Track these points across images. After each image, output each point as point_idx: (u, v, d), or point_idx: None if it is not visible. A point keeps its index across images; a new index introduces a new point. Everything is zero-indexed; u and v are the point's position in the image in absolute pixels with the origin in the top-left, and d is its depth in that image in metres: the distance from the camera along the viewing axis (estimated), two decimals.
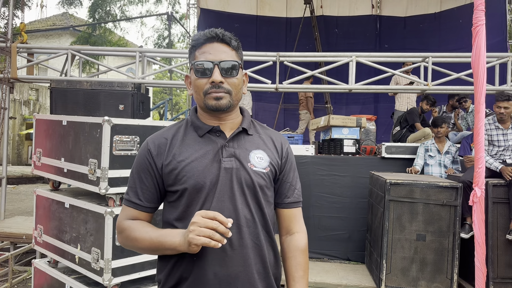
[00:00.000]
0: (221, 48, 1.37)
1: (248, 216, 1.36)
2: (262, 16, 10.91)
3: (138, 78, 6.02)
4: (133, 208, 1.40)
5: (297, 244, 1.50)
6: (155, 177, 1.39)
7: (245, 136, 1.44)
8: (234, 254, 1.32)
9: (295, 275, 1.47)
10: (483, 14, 3.11)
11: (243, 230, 1.34)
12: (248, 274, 1.34)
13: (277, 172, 1.47)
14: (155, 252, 1.35)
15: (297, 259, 1.49)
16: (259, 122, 1.55)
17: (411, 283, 4.22)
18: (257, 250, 1.37)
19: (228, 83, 1.36)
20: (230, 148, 1.38)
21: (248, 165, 1.38)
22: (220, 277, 1.31)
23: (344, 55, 5.95)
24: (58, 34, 22.18)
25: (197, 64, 1.36)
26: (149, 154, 1.40)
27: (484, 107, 3.19)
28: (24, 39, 6.30)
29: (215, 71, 1.34)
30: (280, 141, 1.51)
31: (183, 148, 1.38)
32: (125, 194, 1.44)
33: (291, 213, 1.53)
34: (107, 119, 2.99)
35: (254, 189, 1.37)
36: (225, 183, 1.34)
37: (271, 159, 1.44)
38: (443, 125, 5.19)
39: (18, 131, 17.91)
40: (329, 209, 5.60)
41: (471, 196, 3.11)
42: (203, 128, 1.41)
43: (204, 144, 1.39)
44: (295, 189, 1.54)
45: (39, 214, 3.69)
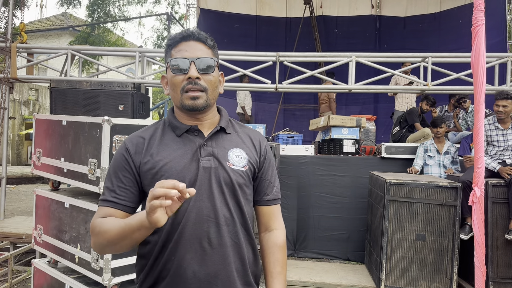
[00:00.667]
0: (197, 46, 1.38)
1: (227, 214, 1.36)
2: (262, 16, 10.91)
3: (137, 78, 6.02)
4: (109, 206, 1.34)
5: (275, 241, 1.51)
6: (133, 175, 1.37)
7: (223, 135, 1.44)
8: (213, 253, 1.32)
9: (273, 271, 1.48)
10: (482, 14, 3.12)
11: (222, 228, 1.34)
12: (228, 272, 1.34)
13: (256, 170, 1.47)
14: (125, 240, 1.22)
15: (275, 255, 1.50)
16: (237, 121, 1.56)
17: (411, 283, 4.22)
18: (236, 249, 1.37)
19: (204, 80, 1.36)
20: (209, 147, 1.38)
21: (227, 164, 1.38)
22: (199, 276, 1.31)
23: (343, 55, 5.96)
24: (58, 34, 22.19)
25: (173, 61, 1.36)
26: (127, 152, 1.38)
27: (484, 107, 3.20)
28: (24, 39, 6.30)
29: (192, 68, 1.34)
30: (259, 139, 1.52)
31: (161, 147, 1.38)
32: (101, 196, 1.39)
33: (270, 210, 1.53)
34: (107, 119, 2.99)
35: (233, 188, 1.37)
36: (203, 182, 1.34)
37: (250, 157, 1.44)
38: (442, 125, 5.20)
39: (18, 131, 17.90)
40: (328, 209, 5.60)
41: (471, 196, 3.12)
42: (181, 128, 1.40)
43: (182, 143, 1.39)
44: (274, 186, 1.54)
45: (38, 214, 3.69)
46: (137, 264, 1.41)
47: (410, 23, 10.46)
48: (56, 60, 6.94)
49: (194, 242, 1.31)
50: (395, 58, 6.11)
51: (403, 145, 5.75)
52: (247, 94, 8.95)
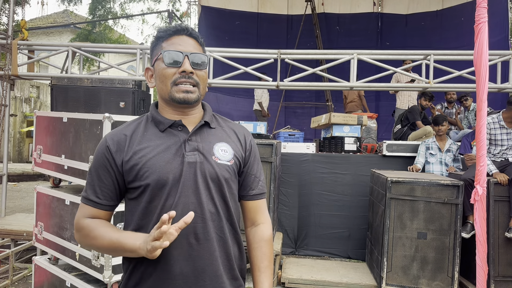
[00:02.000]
0: (190, 42, 1.39)
1: (213, 210, 1.35)
2: (263, 14, 10.88)
3: (139, 75, 6.01)
4: (91, 206, 1.37)
5: (262, 235, 1.50)
6: (114, 174, 1.36)
7: (208, 130, 1.43)
8: (200, 248, 1.32)
9: (261, 265, 1.48)
10: (485, 11, 3.09)
11: (208, 223, 1.33)
12: (215, 267, 1.34)
13: (242, 165, 1.47)
14: (113, 253, 1.33)
15: (262, 249, 1.49)
16: (220, 116, 1.55)
17: (412, 281, 4.22)
18: (222, 243, 1.37)
19: (197, 75, 1.36)
20: (193, 142, 1.37)
21: (213, 158, 1.37)
22: (186, 271, 1.30)
23: (345, 53, 5.94)
24: (59, 31, 22.18)
25: (167, 53, 1.35)
26: (108, 151, 1.36)
27: (486, 105, 3.18)
28: (24, 36, 6.30)
29: (186, 61, 1.34)
30: (243, 133, 1.51)
31: (144, 143, 1.36)
32: (83, 192, 1.40)
33: (256, 204, 1.53)
34: (108, 116, 2.98)
35: (219, 182, 1.36)
36: (189, 177, 1.33)
37: (235, 152, 1.43)
38: (444, 123, 5.18)
39: (19, 129, 17.92)
40: (329, 207, 5.59)
41: (473, 194, 3.10)
42: (165, 123, 1.39)
43: (166, 138, 1.37)
44: (259, 180, 1.53)
45: (39, 211, 3.68)
46: (123, 260, 1.40)
47: (412, 20, 10.42)
48: (57, 57, 6.93)
49: (181, 238, 1.28)
50: (397, 55, 6.09)
51: (404, 143, 5.74)
52: (264, 91, 8.98)
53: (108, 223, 1.38)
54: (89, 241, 1.35)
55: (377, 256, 4.47)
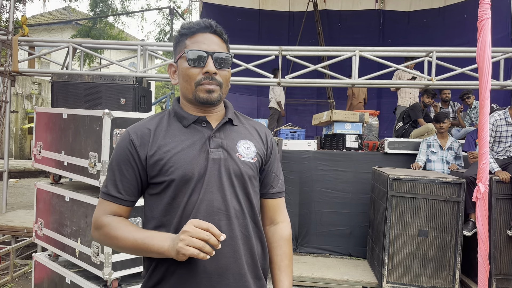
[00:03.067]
0: (214, 40, 1.36)
1: (237, 207, 1.33)
2: (265, 10, 10.84)
3: (139, 72, 5.99)
4: (113, 202, 1.34)
5: (282, 234, 1.49)
6: (137, 169, 1.33)
7: (231, 127, 1.42)
8: (224, 246, 1.28)
9: (281, 264, 1.46)
10: (488, 7, 3.06)
11: (233, 221, 1.31)
12: (239, 265, 1.31)
13: (263, 162, 1.46)
14: (137, 253, 1.29)
15: (282, 248, 1.48)
16: (242, 114, 1.53)
17: (413, 279, 4.20)
18: (246, 242, 1.35)
19: (220, 75, 1.34)
20: (217, 139, 1.35)
21: (236, 155, 1.35)
22: (210, 269, 1.28)
23: (347, 49, 5.91)
24: (61, 28, 22.17)
25: (190, 53, 1.32)
26: (131, 144, 1.33)
27: (489, 103, 3.15)
28: (25, 32, 6.28)
29: (210, 62, 1.31)
30: (264, 131, 1.51)
31: (168, 138, 1.34)
32: (103, 187, 1.37)
33: (276, 203, 1.52)
34: (107, 112, 2.96)
35: (243, 180, 1.35)
36: (213, 174, 1.31)
37: (258, 149, 1.42)
38: (445, 121, 5.16)
39: (21, 125, 17.93)
40: (331, 205, 5.58)
41: (475, 192, 3.08)
42: (189, 118, 1.37)
43: (190, 134, 1.35)
44: (279, 179, 1.52)
45: (39, 208, 3.68)
46: (145, 258, 1.37)
47: (414, 18, 10.37)
48: (59, 54, 6.93)
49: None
50: (399, 52, 6.06)
51: (406, 140, 5.72)
52: (281, 90, 8.97)
53: (130, 222, 1.34)
54: (110, 241, 1.31)
55: (378, 253, 4.46)
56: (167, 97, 12.94)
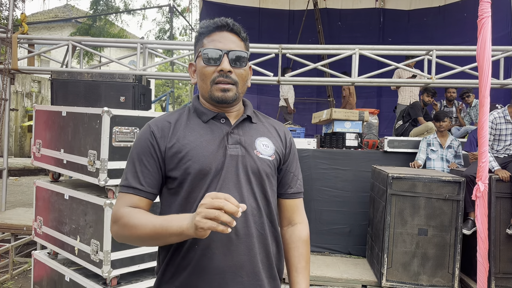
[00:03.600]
0: (231, 38, 1.35)
1: (254, 204, 1.32)
2: (265, 9, 10.82)
3: (139, 69, 5.98)
4: (133, 194, 1.30)
5: (299, 235, 1.48)
6: (158, 161, 1.32)
7: (249, 124, 1.42)
8: (239, 243, 1.28)
9: (298, 265, 1.45)
10: (489, 6, 3.06)
11: (249, 218, 1.30)
12: (253, 263, 1.30)
13: (281, 161, 1.45)
14: (156, 240, 1.21)
15: (299, 249, 1.46)
16: (261, 113, 1.53)
17: (413, 278, 4.20)
18: (262, 240, 1.33)
19: (236, 73, 1.33)
20: (236, 135, 1.35)
21: (254, 152, 1.35)
22: (224, 266, 1.27)
23: (347, 48, 5.90)
24: (61, 26, 22.13)
25: (205, 51, 1.32)
26: (153, 136, 1.33)
27: (489, 101, 3.15)
28: (25, 29, 6.27)
29: (224, 60, 1.31)
30: (283, 131, 1.50)
31: (188, 132, 1.34)
32: (122, 181, 1.34)
33: (294, 203, 1.51)
34: (107, 110, 2.96)
35: (260, 177, 1.34)
36: (230, 170, 1.31)
37: (276, 147, 1.41)
38: (445, 119, 5.15)
39: (21, 123, 17.91)
40: (330, 203, 5.57)
41: (474, 190, 3.08)
42: (208, 114, 1.37)
43: (209, 130, 1.35)
44: (298, 179, 1.51)
45: (39, 206, 3.68)
46: (159, 252, 1.36)
47: (414, 16, 10.35)
48: (58, 52, 6.92)
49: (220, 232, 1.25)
50: (399, 50, 6.05)
51: (406, 139, 5.71)
52: (290, 87, 8.98)
53: (149, 213, 1.29)
54: (128, 231, 1.24)
55: (378, 252, 4.46)
56: (166, 95, 12.95)
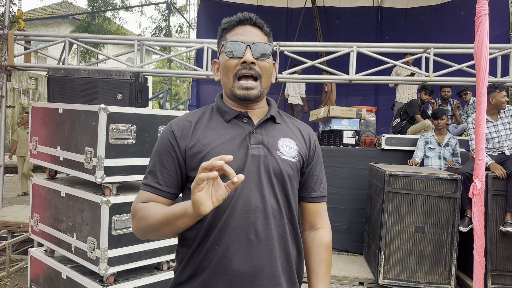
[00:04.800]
0: (254, 31, 1.33)
1: (275, 206, 1.29)
2: (263, 6, 10.81)
3: (136, 67, 5.96)
4: (151, 192, 1.32)
5: (321, 240, 1.45)
6: (177, 160, 1.32)
7: (273, 124, 1.39)
8: (260, 245, 1.25)
9: (319, 271, 1.41)
10: (486, 4, 3.06)
11: (270, 220, 1.28)
12: (273, 267, 1.27)
13: (305, 164, 1.41)
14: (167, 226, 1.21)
15: (321, 255, 1.43)
16: (286, 113, 1.50)
17: (409, 275, 4.22)
18: (282, 243, 1.31)
19: (259, 66, 1.31)
20: (258, 135, 1.33)
21: (277, 153, 1.32)
22: (243, 269, 1.24)
23: (345, 45, 5.89)
24: (58, 23, 22.04)
25: (228, 44, 1.31)
26: (173, 136, 1.33)
27: (486, 99, 3.15)
28: (21, 26, 6.24)
29: (247, 52, 1.29)
30: (308, 133, 1.46)
31: (209, 131, 1.33)
32: (144, 178, 1.35)
33: (317, 207, 1.48)
34: (103, 107, 2.95)
35: (282, 178, 1.31)
36: (252, 170, 1.28)
37: (300, 149, 1.38)
38: (443, 117, 5.16)
39: (17, 120, 17.85)
40: (328, 200, 5.51)
41: (471, 188, 3.09)
42: (230, 113, 1.35)
43: (231, 129, 1.33)
44: (322, 183, 1.49)
45: (35, 203, 3.66)
46: (178, 252, 1.35)
47: (411, 15, 10.37)
48: (56, 48, 6.89)
49: (240, 233, 1.24)
50: (396, 48, 6.06)
51: (403, 136, 5.72)
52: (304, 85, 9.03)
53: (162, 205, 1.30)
54: (144, 222, 1.26)
55: (375, 249, 4.47)
56: (164, 93, 12.91)
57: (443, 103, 7.27)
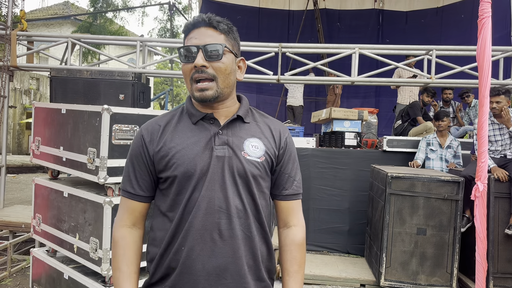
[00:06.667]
0: (207, 32, 1.33)
1: (240, 206, 1.31)
2: (264, 9, 10.82)
3: (138, 67, 5.97)
4: (128, 198, 1.38)
5: (293, 238, 1.46)
6: (147, 164, 1.36)
7: (241, 124, 1.39)
8: (224, 245, 1.28)
9: (290, 269, 1.43)
10: (489, 6, 3.06)
11: (234, 220, 1.30)
12: (238, 266, 1.30)
13: (274, 163, 1.41)
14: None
15: (292, 253, 1.45)
16: (259, 111, 1.50)
17: (411, 277, 4.21)
18: (248, 242, 1.32)
19: (213, 67, 1.30)
20: (223, 136, 1.34)
21: (242, 154, 1.33)
22: (208, 268, 1.27)
23: (347, 47, 5.90)
24: (59, 23, 22.09)
25: (182, 50, 1.33)
26: (142, 140, 1.37)
27: (489, 101, 3.15)
28: (24, 26, 6.25)
29: (198, 55, 1.30)
30: (279, 130, 1.45)
31: (175, 134, 1.35)
32: (121, 184, 1.41)
33: (289, 205, 1.48)
34: (107, 107, 2.95)
35: (246, 179, 1.32)
36: (216, 171, 1.30)
37: (267, 148, 1.38)
38: (444, 119, 5.16)
39: (19, 120, 17.88)
40: (329, 202, 5.58)
41: (474, 190, 3.09)
42: (196, 115, 1.37)
43: (197, 131, 1.35)
44: (294, 180, 1.48)
45: (37, 203, 3.67)
46: (148, 251, 1.38)
47: (412, 17, 10.37)
48: (57, 49, 6.90)
49: (204, 233, 1.27)
50: (398, 50, 6.06)
51: (405, 138, 5.72)
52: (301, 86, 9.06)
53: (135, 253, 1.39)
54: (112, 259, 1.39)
55: (376, 251, 4.46)
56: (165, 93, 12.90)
57: (445, 105, 7.27)
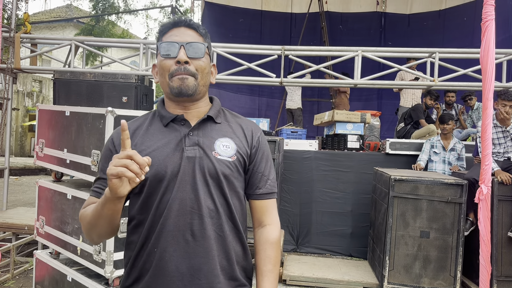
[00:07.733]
0: (188, 32, 1.36)
1: (211, 206, 1.31)
2: (267, 11, 10.83)
3: (141, 70, 5.98)
4: (94, 196, 1.37)
5: (267, 237, 1.44)
6: None
7: (212, 125, 1.40)
8: (197, 245, 1.29)
9: (264, 269, 1.42)
10: (492, 8, 3.07)
11: (206, 220, 1.30)
12: (211, 266, 1.30)
13: (247, 162, 1.42)
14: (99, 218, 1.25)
15: (266, 252, 1.43)
16: (230, 111, 1.51)
17: (414, 280, 4.20)
18: (220, 242, 1.33)
19: (194, 65, 1.33)
20: (194, 137, 1.35)
21: (213, 154, 1.33)
22: (181, 269, 1.28)
23: (350, 50, 5.91)
24: (62, 26, 22.16)
25: (163, 45, 1.33)
26: (112, 144, 1.38)
27: (492, 104, 3.15)
28: (27, 29, 6.28)
29: (181, 51, 1.31)
30: (251, 129, 1.46)
31: (146, 137, 1.36)
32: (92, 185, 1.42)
33: (263, 204, 1.47)
34: (111, 109, 2.96)
35: (217, 179, 1.32)
36: (187, 172, 1.30)
37: (239, 148, 1.39)
38: (449, 122, 5.16)
39: (21, 123, 17.92)
40: (332, 205, 5.58)
41: (477, 193, 3.09)
42: (167, 117, 1.38)
43: (168, 133, 1.36)
44: (268, 179, 1.47)
45: (41, 205, 3.67)
46: (124, 256, 1.39)
47: (414, 20, 10.38)
48: (61, 51, 6.93)
49: (177, 234, 1.28)
50: (402, 53, 6.06)
51: (407, 141, 5.72)
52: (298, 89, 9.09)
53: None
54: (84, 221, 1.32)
55: (379, 254, 4.45)
56: None
57: (448, 108, 7.27)
